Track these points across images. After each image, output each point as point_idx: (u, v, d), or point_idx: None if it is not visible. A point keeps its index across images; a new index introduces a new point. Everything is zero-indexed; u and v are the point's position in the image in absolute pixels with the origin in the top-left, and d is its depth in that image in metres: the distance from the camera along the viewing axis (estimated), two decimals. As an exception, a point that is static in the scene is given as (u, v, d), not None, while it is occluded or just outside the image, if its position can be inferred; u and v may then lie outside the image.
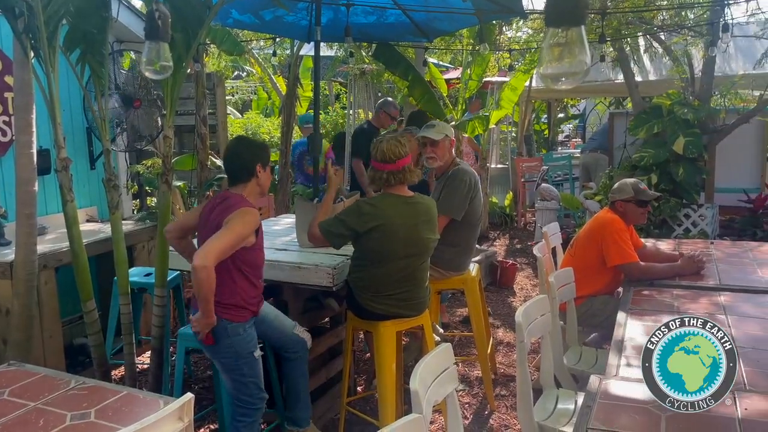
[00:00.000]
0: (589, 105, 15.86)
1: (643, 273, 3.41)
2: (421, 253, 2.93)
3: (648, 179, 6.56)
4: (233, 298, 2.64)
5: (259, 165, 2.74)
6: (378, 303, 2.91)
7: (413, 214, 2.87)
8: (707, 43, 6.04)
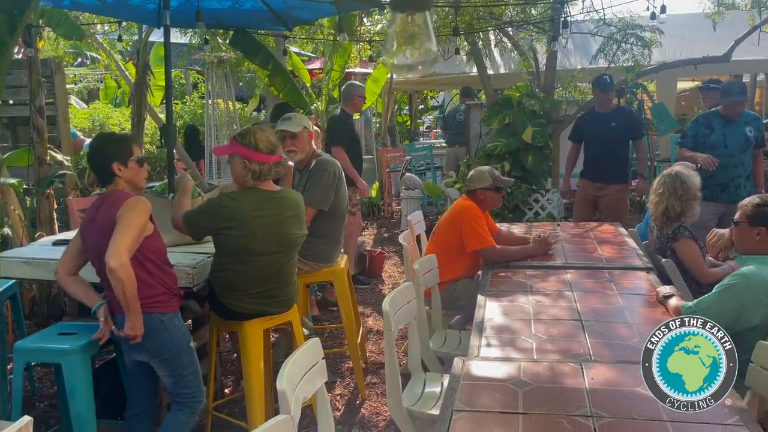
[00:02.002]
0: (447, 97, 16.52)
1: (499, 256, 3.60)
2: (288, 249, 2.86)
3: (501, 167, 6.96)
4: (155, 289, 2.53)
5: (116, 164, 2.55)
6: (242, 302, 2.80)
7: (278, 210, 2.78)
8: (549, 39, 6.51)
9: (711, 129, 4.59)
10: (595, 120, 5.37)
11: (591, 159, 5.42)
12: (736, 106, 4.51)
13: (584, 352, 2.29)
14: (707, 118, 4.69)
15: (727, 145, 4.52)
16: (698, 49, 7.43)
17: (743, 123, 4.54)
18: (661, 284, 3.00)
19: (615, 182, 5.27)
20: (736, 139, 4.52)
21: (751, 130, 4.53)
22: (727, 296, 2.41)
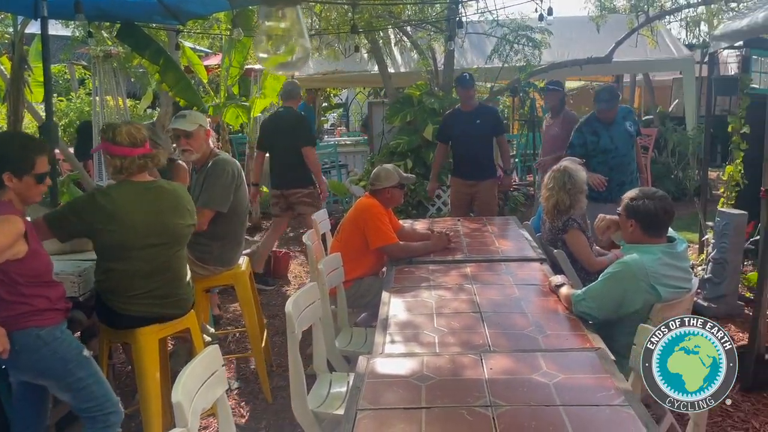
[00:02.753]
0: (350, 94, 16.54)
1: (403, 252, 3.64)
2: (172, 241, 2.72)
3: (404, 164, 7.07)
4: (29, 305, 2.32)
5: (8, 174, 2.32)
6: (130, 304, 2.63)
7: (155, 200, 2.64)
8: (446, 39, 6.67)
9: (597, 135, 4.67)
10: (461, 119, 5.35)
11: (460, 157, 5.43)
12: (605, 113, 4.64)
13: (483, 343, 2.36)
14: (589, 125, 4.76)
15: (617, 146, 4.63)
16: (584, 51, 7.90)
17: (622, 120, 4.71)
18: (553, 274, 3.15)
19: (486, 178, 5.33)
20: (622, 139, 4.66)
21: (630, 124, 4.74)
22: (611, 283, 2.56)
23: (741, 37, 5.05)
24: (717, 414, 3.24)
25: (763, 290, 3.53)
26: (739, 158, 5.56)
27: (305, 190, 5.40)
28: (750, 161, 5.31)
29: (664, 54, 9.15)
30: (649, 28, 7.86)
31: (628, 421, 1.74)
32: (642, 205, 2.65)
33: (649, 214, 2.63)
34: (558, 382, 1.98)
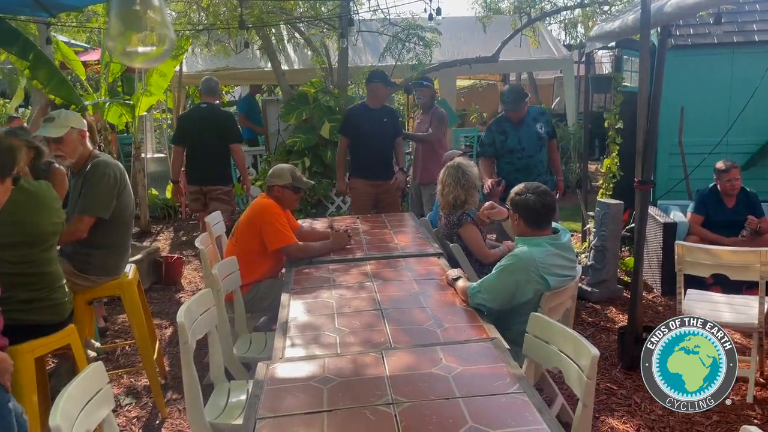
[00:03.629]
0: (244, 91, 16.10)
1: (302, 252, 3.58)
2: (36, 241, 2.53)
3: (302, 163, 6.98)
4: None
5: None
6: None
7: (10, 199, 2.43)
8: (339, 36, 6.65)
9: (505, 135, 4.67)
10: (368, 116, 5.12)
11: (365, 157, 5.17)
12: (512, 113, 4.68)
13: (384, 341, 2.36)
14: (499, 123, 4.75)
15: (524, 147, 4.61)
16: (473, 50, 8.17)
17: (533, 121, 4.64)
18: (450, 268, 3.22)
19: (390, 178, 5.22)
20: (530, 139, 4.61)
21: (541, 126, 4.65)
22: (504, 275, 2.66)
23: (613, 38, 5.43)
24: (602, 393, 3.46)
25: (638, 274, 3.81)
26: (615, 152, 5.97)
27: (225, 188, 5.40)
28: (625, 154, 5.73)
29: (546, 54, 9.66)
30: (532, 29, 8.26)
31: (523, 408, 1.80)
32: (524, 199, 2.78)
33: (530, 208, 2.76)
34: (457, 374, 2.02)
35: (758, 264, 3.31)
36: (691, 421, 3.16)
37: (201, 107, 5.52)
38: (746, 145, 5.78)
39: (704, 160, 5.71)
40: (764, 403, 3.31)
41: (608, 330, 4.38)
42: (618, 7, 7.60)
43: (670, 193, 5.92)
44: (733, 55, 5.83)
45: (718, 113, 5.87)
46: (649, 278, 5.20)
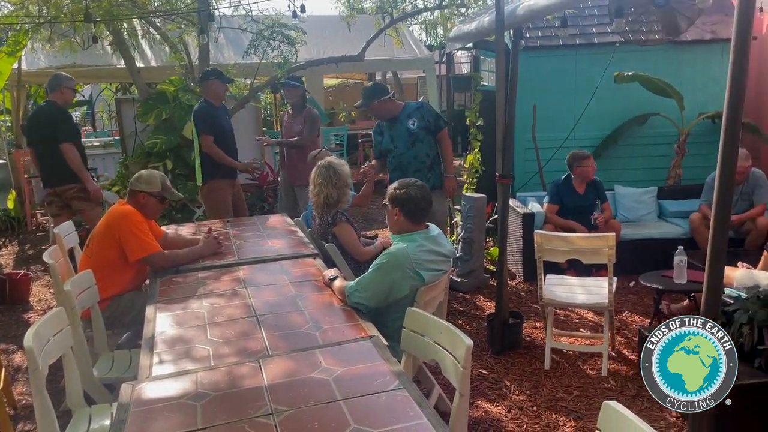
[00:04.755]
0: (95, 90, 14.95)
1: (168, 261, 3.37)
2: None
3: (164, 165, 6.60)
4: None
5: None
6: None
7: None
8: (198, 32, 6.36)
9: (382, 134, 4.67)
10: (218, 114, 5.14)
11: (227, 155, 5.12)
12: (368, 112, 4.81)
13: (261, 348, 2.28)
14: (378, 124, 4.74)
15: (396, 145, 4.57)
16: (339, 49, 8.20)
17: (406, 118, 4.56)
18: (326, 268, 3.19)
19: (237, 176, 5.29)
20: (402, 138, 4.55)
21: (414, 121, 4.53)
22: (380, 273, 2.68)
23: (471, 39, 5.69)
24: (475, 378, 3.61)
25: (503, 263, 4.03)
26: (477, 148, 6.28)
27: (78, 185, 5.09)
28: (486, 150, 6.04)
29: (409, 54, 9.94)
30: (395, 29, 8.45)
31: (403, 403, 1.81)
32: (405, 193, 2.84)
33: (413, 202, 2.82)
34: (337, 376, 1.99)
35: (606, 248, 3.62)
36: (555, 398, 3.40)
37: (42, 105, 5.25)
38: (590, 138, 6.32)
39: (555, 154, 6.17)
40: (617, 375, 3.64)
41: (478, 318, 4.59)
42: (474, 10, 7.99)
43: (526, 186, 6.34)
44: (576, 56, 6.34)
45: (566, 110, 6.37)
46: (513, 266, 5.52)
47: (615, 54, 6.02)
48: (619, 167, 6.30)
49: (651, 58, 6.12)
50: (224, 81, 5.19)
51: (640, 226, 5.61)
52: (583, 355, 3.89)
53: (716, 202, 2.11)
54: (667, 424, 3.10)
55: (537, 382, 3.58)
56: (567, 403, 3.35)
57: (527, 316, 4.41)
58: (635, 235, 5.32)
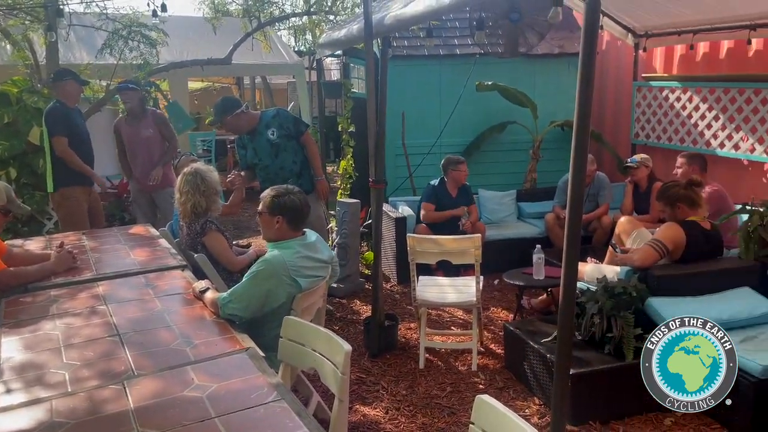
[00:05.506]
0: None
1: (14, 279, 3.04)
2: None
3: (6, 174, 5.97)
4: None
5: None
6: None
7: None
8: (46, 29, 5.84)
9: (245, 148, 4.50)
10: (74, 116, 4.92)
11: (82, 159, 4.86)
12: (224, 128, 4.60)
13: (126, 369, 2.12)
14: (240, 138, 4.54)
15: (261, 158, 4.43)
16: (204, 51, 7.90)
17: (264, 128, 4.40)
18: (196, 280, 3.05)
19: None
20: (264, 149, 4.40)
21: (273, 131, 4.39)
22: (255, 282, 2.61)
23: (340, 46, 5.74)
24: (353, 383, 3.63)
25: (378, 267, 4.09)
26: (350, 154, 6.34)
27: None
28: (358, 156, 6.12)
29: (278, 59, 9.82)
30: (263, 33, 8.30)
31: (282, 415, 1.78)
32: (288, 200, 2.80)
33: (295, 208, 2.79)
34: (211, 392, 1.91)
35: (473, 249, 3.81)
36: (430, 395, 3.51)
37: None
38: (456, 145, 6.62)
39: (424, 159, 6.39)
40: (486, 369, 3.83)
41: (355, 322, 4.63)
42: (343, 17, 8.07)
43: (398, 190, 6.51)
44: (440, 66, 6.62)
45: (433, 117, 6.63)
46: (387, 269, 5.63)
47: (476, 65, 6.38)
48: (482, 172, 6.67)
49: (508, 69, 6.55)
50: (80, 82, 4.87)
51: (502, 227, 5.96)
52: (454, 352, 4.06)
53: (569, 203, 2.29)
54: (532, 411, 3.31)
55: (413, 382, 3.67)
56: (441, 399, 3.47)
57: (402, 318, 4.51)
58: (498, 236, 5.65)
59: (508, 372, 3.76)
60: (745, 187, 5.25)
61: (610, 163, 6.80)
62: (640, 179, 5.27)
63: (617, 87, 6.95)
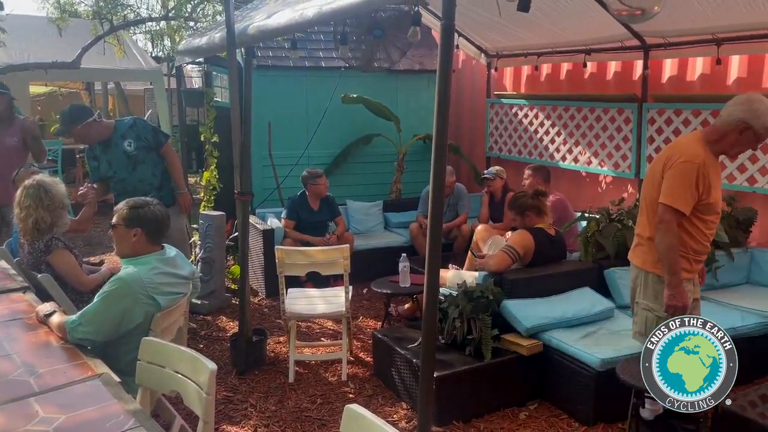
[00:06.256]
0: None
1: None
2: None
3: None
4: None
5: None
6: None
7: None
8: None
9: (97, 160, 4.22)
10: None
11: None
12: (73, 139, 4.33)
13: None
14: (91, 149, 4.25)
15: (116, 170, 4.17)
16: (48, 54, 7.28)
17: (120, 139, 4.15)
18: (41, 302, 2.78)
19: None
20: (119, 162, 4.16)
21: (130, 142, 4.15)
22: (108, 302, 2.43)
23: (201, 54, 5.56)
24: (220, 402, 3.51)
25: (245, 281, 4.00)
26: (214, 164, 6.15)
27: None
28: (223, 167, 5.94)
29: (134, 64, 9.28)
30: (115, 37, 7.82)
31: (142, 442, 1.68)
32: (148, 211, 2.66)
33: (156, 220, 2.65)
34: (60, 425, 1.75)
35: (342, 259, 3.85)
36: (300, 409, 3.48)
37: None
38: (323, 156, 6.66)
39: (291, 171, 6.36)
40: (355, 378, 3.87)
41: (221, 339, 4.48)
42: (204, 24, 7.82)
43: (265, 202, 6.41)
44: (306, 78, 6.64)
45: (300, 129, 6.62)
46: (254, 283, 5.51)
47: (341, 78, 6.47)
48: (350, 183, 6.77)
49: (372, 83, 6.72)
50: None
51: (369, 236, 6.09)
52: (324, 364, 4.06)
53: (430, 214, 2.40)
54: (400, 416, 3.40)
55: (282, 397, 3.62)
56: (311, 412, 3.45)
57: (271, 332, 4.44)
58: (366, 246, 5.75)
59: (377, 379, 3.83)
60: (584, 196, 5.82)
61: (468, 175, 7.20)
62: (496, 190, 5.63)
63: (473, 103, 7.39)
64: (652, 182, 2.83)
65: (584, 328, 3.57)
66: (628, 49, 5.14)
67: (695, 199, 2.67)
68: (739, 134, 2.69)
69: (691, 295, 2.80)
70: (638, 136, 5.16)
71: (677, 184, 2.66)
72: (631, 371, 2.68)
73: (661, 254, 2.71)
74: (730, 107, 2.72)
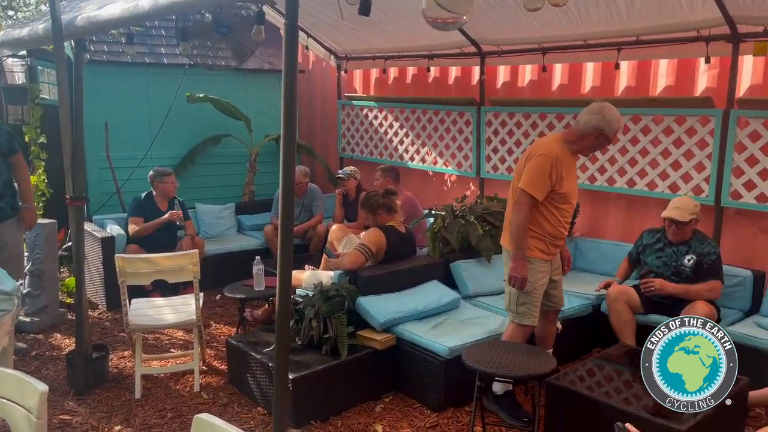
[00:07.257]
0: None
1: None
2: None
3: None
4: None
5: None
6: None
7: None
8: None
9: None
10: None
11: None
12: None
13: None
14: None
15: None
16: None
17: None
18: None
19: None
20: None
21: None
22: None
23: (23, 46, 5.02)
24: (55, 427, 3.21)
25: (82, 293, 3.68)
26: (42, 168, 5.59)
27: None
28: (52, 170, 5.42)
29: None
30: None
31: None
32: None
33: None
34: None
35: (191, 265, 3.68)
36: (149, 425, 3.28)
37: None
38: (168, 158, 6.31)
39: (133, 173, 5.97)
40: (209, 388, 3.73)
41: (55, 359, 4.09)
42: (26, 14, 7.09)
43: (104, 207, 5.94)
44: (147, 75, 6.25)
45: (141, 129, 6.22)
46: (93, 295, 5.10)
47: (187, 75, 6.19)
48: (199, 185, 6.50)
49: (220, 81, 6.50)
50: None
51: (222, 240, 5.89)
52: (175, 376, 3.86)
53: (281, 215, 2.38)
54: (257, 422, 3.34)
55: (128, 414, 3.39)
56: (161, 427, 3.27)
57: (114, 347, 4.14)
58: (218, 250, 5.57)
59: (232, 387, 3.72)
60: (432, 194, 6.11)
61: (322, 175, 7.24)
62: (350, 189, 5.72)
63: (324, 104, 7.44)
64: (518, 175, 3.22)
65: (433, 319, 3.75)
66: (467, 55, 5.47)
67: (548, 189, 3.09)
68: (594, 139, 3.16)
69: (547, 275, 3.27)
70: (477, 137, 5.52)
71: (533, 174, 3.09)
72: (475, 357, 2.89)
73: (512, 232, 3.15)
74: (588, 116, 3.16)
